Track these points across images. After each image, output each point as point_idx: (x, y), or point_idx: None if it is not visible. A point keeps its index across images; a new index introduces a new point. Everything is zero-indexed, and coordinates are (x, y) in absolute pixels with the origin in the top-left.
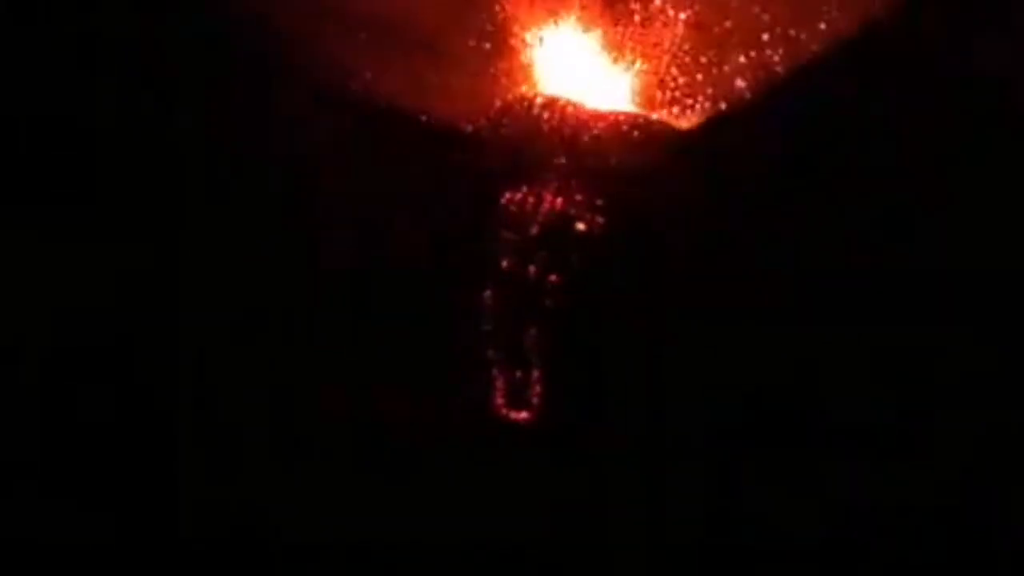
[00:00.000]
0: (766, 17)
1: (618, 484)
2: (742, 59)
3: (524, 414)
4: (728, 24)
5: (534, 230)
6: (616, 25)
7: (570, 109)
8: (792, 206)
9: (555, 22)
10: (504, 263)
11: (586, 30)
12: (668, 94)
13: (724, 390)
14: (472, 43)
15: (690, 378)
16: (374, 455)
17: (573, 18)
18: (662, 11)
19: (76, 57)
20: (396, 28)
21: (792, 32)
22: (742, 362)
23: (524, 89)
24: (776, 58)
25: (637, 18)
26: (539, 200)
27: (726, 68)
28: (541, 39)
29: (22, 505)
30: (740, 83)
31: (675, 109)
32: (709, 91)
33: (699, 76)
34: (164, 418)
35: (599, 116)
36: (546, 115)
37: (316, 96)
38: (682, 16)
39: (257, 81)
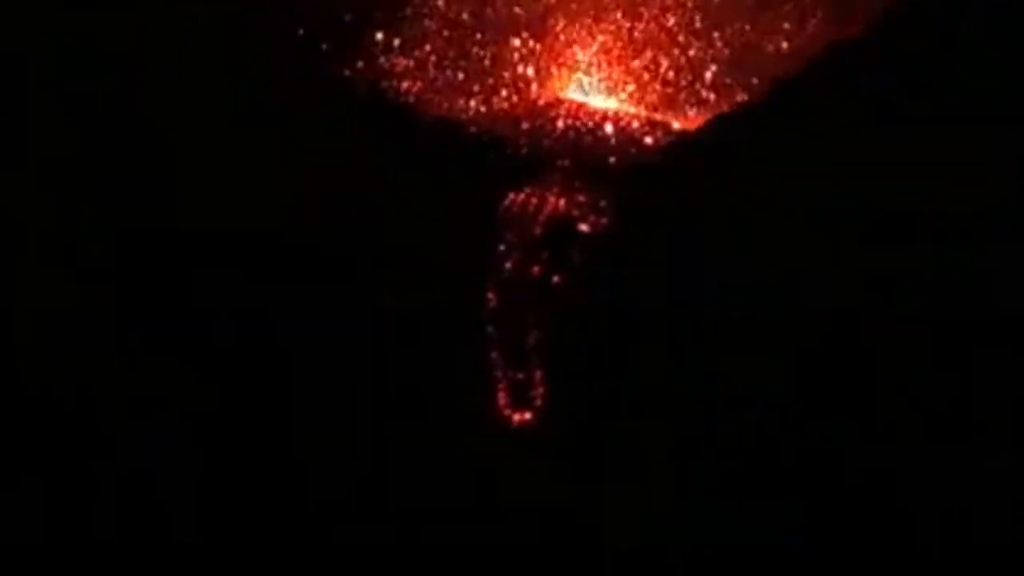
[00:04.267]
0: (771, 17)
1: (619, 487)
2: (747, 59)
3: (527, 416)
4: (732, 25)
5: (537, 231)
6: (620, 26)
7: (574, 110)
8: (797, 206)
9: (558, 23)
10: (507, 264)
11: (590, 31)
12: (672, 95)
13: (730, 393)
14: (475, 45)
15: (694, 380)
16: (376, 457)
17: (576, 19)
18: (666, 12)
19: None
20: (399, 30)
21: (796, 32)
22: (746, 364)
23: (528, 90)
24: (780, 58)
25: (641, 19)
26: (542, 201)
27: (731, 68)
28: (544, 40)
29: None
30: (745, 83)
31: (679, 109)
32: (714, 91)
33: (704, 77)
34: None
35: (603, 117)
36: (550, 116)
37: (320, 98)
38: (686, 17)
39: (259, 80)
